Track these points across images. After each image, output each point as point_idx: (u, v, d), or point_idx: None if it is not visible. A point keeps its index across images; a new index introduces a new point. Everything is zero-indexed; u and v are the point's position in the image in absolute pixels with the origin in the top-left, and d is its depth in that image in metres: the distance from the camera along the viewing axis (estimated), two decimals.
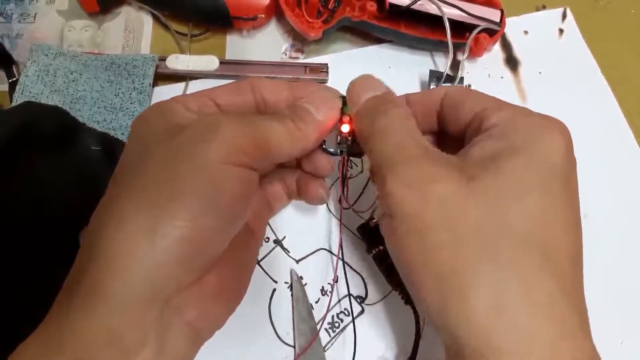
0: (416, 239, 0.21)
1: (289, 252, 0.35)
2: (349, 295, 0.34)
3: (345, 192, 0.30)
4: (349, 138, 0.27)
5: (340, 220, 0.31)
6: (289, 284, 0.34)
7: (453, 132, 0.26)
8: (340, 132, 0.27)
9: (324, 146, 0.27)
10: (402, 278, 0.24)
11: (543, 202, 0.21)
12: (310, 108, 0.25)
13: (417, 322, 0.32)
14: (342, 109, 0.26)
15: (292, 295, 0.34)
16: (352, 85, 0.26)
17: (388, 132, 0.24)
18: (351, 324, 0.33)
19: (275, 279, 0.35)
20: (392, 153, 0.23)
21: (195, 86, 0.40)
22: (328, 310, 0.34)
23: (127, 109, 0.38)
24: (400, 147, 0.23)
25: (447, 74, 0.38)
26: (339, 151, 0.27)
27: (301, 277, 0.35)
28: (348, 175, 0.29)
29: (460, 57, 0.40)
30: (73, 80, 0.38)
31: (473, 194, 0.21)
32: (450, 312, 0.20)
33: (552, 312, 0.19)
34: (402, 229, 0.22)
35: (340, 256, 0.32)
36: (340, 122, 0.26)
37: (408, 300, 0.32)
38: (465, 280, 0.20)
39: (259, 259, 0.35)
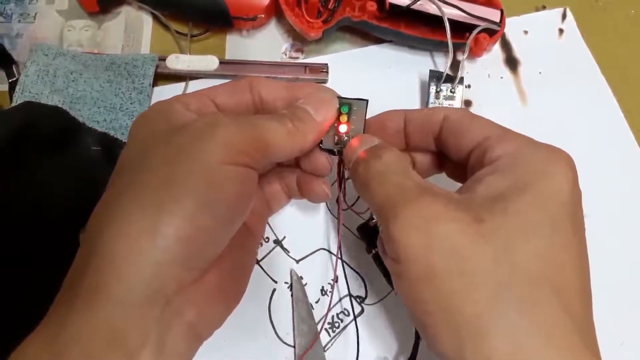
0: (425, 285, 0.21)
1: (288, 252, 0.35)
2: (349, 295, 0.34)
3: (343, 192, 0.30)
4: (346, 137, 0.27)
5: (338, 220, 0.31)
6: (289, 284, 0.34)
7: (453, 157, 0.26)
8: (338, 132, 0.27)
9: (321, 145, 0.27)
10: (411, 319, 0.23)
11: (552, 241, 0.21)
12: (308, 109, 0.25)
13: None
14: (339, 109, 0.27)
15: (292, 295, 0.34)
16: (348, 144, 0.27)
17: (384, 174, 0.24)
18: (351, 324, 0.34)
19: (275, 279, 0.35)
20: (392, 194, 0.23)
21: (195, 86, 0.40)
22: (329, 310, 0.34)
23: (127, 108, 0.38)
24: (399, 187, 0.23)
25: (447, 74, 0.38)
26: (335, 150, 0.28)
27: (301, 277, 0.35)
28: (346, 175, 0.29)
29: (460, 57, 0.40)
30: (73, 80, 0.38)
31: (481, 236, 0.21)
32: (468, 356, 0.20)
33: (569, 354, 0.19)
34: (409, 274, 0.21)
35: (339, 256, 0.32)
36: (338, 122, 0.27)
37: None
38: (481, 324, 0.20)
39: (259, 259, 0.35)
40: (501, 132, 0.24)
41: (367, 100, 0.27)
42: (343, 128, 0.27)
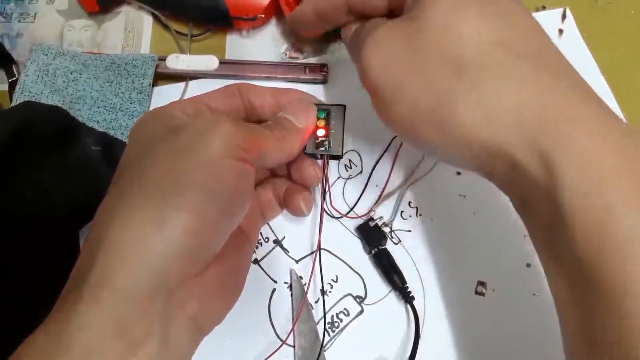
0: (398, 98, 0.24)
1: (288, 252, 0.35)
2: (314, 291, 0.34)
3: (328, 192, 0.33)
4: (325, 140, 0.30)
5: (320, 222, 0.32)
6: (288, 284, 0.34)
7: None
8: (317, 136, 0.30)
9: (305, 151, 0.30)
10: (408, 134, 0.25)
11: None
12: (291, 118, 0.28)
13: (417, 322, 0.32)
14: (317, 114, 0.29)
15: (291, 295, 0.34)
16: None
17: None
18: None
19: (275, 279, 0.35)
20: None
21: (195, 86, 0.40)
22: (299, 306, 0.34)
23: (127, 108, 0.38)
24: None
25: None
26: (318, 155, 0.30)
27: (301, 277, 0.35)
28: (331, 183, 0.32)
29: None
30: (73, 80, 0.38)
31: (417, 32, 0.24)
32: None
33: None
34: (386, 98, 0.25)
35: (319, 258, 0.32)
36: (316, 127, 0.29)
37: (407, 300, 0.33)
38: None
39: (259, 259, 0.35)
40: None
41: (344, 106, 0.30)
42: (320, 132, 0.30)
